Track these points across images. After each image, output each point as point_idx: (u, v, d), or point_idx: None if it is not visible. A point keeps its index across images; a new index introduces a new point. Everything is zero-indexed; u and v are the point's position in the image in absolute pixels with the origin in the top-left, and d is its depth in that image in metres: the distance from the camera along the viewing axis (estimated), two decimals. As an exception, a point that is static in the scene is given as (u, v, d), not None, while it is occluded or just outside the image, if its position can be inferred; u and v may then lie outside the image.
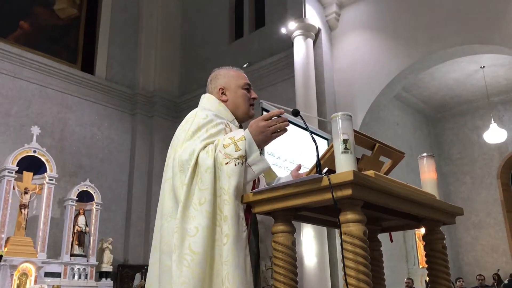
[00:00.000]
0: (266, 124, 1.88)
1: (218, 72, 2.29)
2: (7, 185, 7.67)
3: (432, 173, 2.24)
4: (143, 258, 9.91)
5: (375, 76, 7.54)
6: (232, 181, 1.81)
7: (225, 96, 2.21)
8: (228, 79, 2.24)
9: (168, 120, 10.96)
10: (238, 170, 1.82)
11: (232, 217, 1.78)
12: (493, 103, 10.88)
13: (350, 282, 1.55)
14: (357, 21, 8.01)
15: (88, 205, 8.94)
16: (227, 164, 1.83)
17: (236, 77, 2.24)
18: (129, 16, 11.41)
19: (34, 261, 7.64)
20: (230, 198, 1.80)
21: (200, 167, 1.86)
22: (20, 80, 9.08)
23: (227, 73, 2.26)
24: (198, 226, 1.79)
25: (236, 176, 1.82)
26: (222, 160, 1.85)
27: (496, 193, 10.92)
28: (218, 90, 2.23)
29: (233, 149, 1.86)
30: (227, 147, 1.87)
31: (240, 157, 1.85)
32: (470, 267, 11.04)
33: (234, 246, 1.76)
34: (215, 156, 1.86)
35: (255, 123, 1.90)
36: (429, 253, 2.16)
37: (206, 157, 1.86)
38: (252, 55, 9.71)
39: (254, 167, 1.87)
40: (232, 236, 1.76)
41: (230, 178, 1.82)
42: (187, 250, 1.76)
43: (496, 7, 6.59)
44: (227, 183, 1.82)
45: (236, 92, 2.21)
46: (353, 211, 1.60)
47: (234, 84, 2.22)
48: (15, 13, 9.55)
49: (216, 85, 2.24)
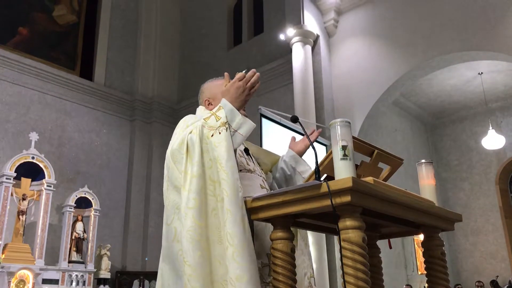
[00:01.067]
0: (242, 83, 2.00)
1: (203, 86, 2.42)
2: (5, 191, 7.64)
3: (430, 180, 2.24)
4: (141, 264, 9.87)
5: (373, 82, 7.56)
6: (220, 149, 1.89)
7: (211, 106, 2.29)
8: (212, 89, 2.34)
9: (167, 126, 10.95)
10: (223, 137, 1.90)
11: (226, 180, 1.84)
12: (491, 109, 10.91)
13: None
14: (355, 27, 8.04)
15: (86, 212, 8.91)
16: (212, 136, 1.92)
17: (219, 85, 2.30)
18: (128, 22, 11.44)
19: (32, 267, 7.60)
20: (222, 164, 1.86)
21: (190, 147, 1.93)
22: (19, 86, 9.08)
23: (211, 84, 2.38)
24: (196, 197, 1.85)
25: (223, 143, 1.89)
26: (207, 133, 1.93)
27: (495, 199, 10.92)
28: (204, 102, 2.34)
29: (214, 119, 1.96)
30: (208, 119, 1.97)
31: (222, 123, 1.93)
32: (469, 273, 11.02)
33: (230, 205, 1.80)
34: (199, 132, 1.94)
35: (231, 86, 2.02)
36: (428, 260, 2.16)
37: (192, 136, 1.94)
38: (251, 62, 9.73)
39: (240, 130, 1.95)
40: (227, 196, 1.82)
41: (217, 147, 1.89)
42: (191, 222, 1.81)
43: (493, 14, 6.62)
44: (216, 153, 1.89)
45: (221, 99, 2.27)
46: (352, 218, 1.60)
47: (219, 91, 2.27)
48: (14, 19, 9.57)
49: (203, 98, 2.37)
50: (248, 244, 1.78)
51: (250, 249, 1.78)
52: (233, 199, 1.81)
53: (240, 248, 1.75)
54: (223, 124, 1.93)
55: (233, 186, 1.83)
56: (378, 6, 7.89)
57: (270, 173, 2.47)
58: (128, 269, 9.71)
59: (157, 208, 9.79)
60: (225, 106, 1.98)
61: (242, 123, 1.95)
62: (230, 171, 1.85)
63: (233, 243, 1.75)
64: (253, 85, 2.02)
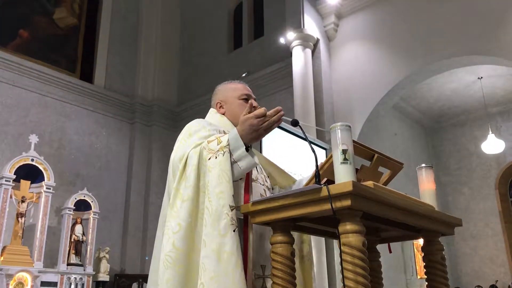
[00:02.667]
0: (258, 122, 1.85)
1: (218, 88, 2.38)
2: (4, 193, 7.63)
3: (431, 184, 2.24)
4: (140, 267, 9.85)
5: (373, 86, 7.57)
6: (213, 173, 1.81)
7: (222, 109, 2.28)
8: (225, 92, 2.32)
9: (167, 129, 10.97)
10: (218, 161, 1.82)
11: (209, 208, 1.77)
12: (491, 113, 10.91)
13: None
14: (356, 31, 8.06)
15: (85, 214, 8.90)
16: (209, 159, 1.85)
17: (233, 89, 2.30)
18: (129, 25, 11.45)
19: (31, 270, 7.59)
20: (209, 190, 1.79)
21: (187, 166, 1.87)
22: (19, 89, 9.08)
23: (225, 87, 2.35)
24: (181, 223, 1.78)
25: (216, 168, 1.81)
26: (206, 156, 1.86)
27: (494, 204, 10.91)
28: (216, 105, 2.31)
29: (216, 143, 1.88)
30: (211, 142, 1.89)
31: (221, 148, 1.85)
32: (469, 278, 11.00)
33: (206, 236, 1.73)
34: (199, 153, 1.88)
35: (247, 121, 1.86)
36: (428, 264, 2.15)
37: (192, 156, 1.88)
38: (251, 65, 9.75)
39: (240, 163, 1.86)
40: (205, 225, 1.75)
41: (211, 171, 1.82)
42: (171, 247, 1.76)
43: (494, 18, 6.63)
44: (207, 177, 1.82)
45: (233, 103, 2.27)
46: (352, 222, 1.60)
47: (231, 96, 2.28)
48: (14, 21, 9.58)
49: (215, 100, 2.33)
50: (220, 277, 1.68)
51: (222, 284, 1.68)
52: (209, 229, 1.74)
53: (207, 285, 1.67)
54: (222, 148, 1.84)
55: (215, 214, 1.74)
56: (378, 10, 7.91)
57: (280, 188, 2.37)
58: (127, 272, 9.70)
59: (156, 211, 9.75)
60: (231, 133, 1.89)
61: (243, 157, 1.85)
62: (215, 198, 1.76)
63: (203, 279, 1.68)
64: (270, 125, 1.87)
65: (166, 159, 2.15)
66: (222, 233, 1.72)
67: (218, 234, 1.72)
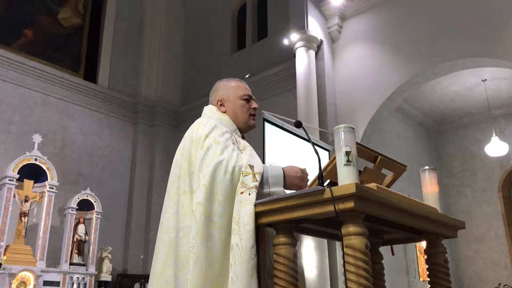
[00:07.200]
0: (303, 174, 2.03)
1: (218, 84, 2.34)
2: (7, 193, 7.65)
3: (434, 186, 2.24)
4: (142, 267, 9.86)
5: (377, 88, 7.55)
6: (245, 210, 1.83)
7: (223, 107, 2.25)
8: (226, 91, 2.28)
9: (170, 130, 10.98)
10: (251, 199, 1.85)
11: (239, 245, 1.80)
12: (494, 116, 10.87)
13: (352, 296, 1.54)
14: (359, 33, 8.05)
15: (88, 214, 8.91)
16: (242, 193, 1.87)
17: (235, 88, 2.28)
18: (132, 25, 11.47)
19: (33, 269, 7.60)
20: (240, 226, 1.81)
21: (220, 190, 1.89)
22: (23, 88, 9.10)
23: (226, 85, 2.31)
24: (212, 248, 1.83)
25: (250, 205, 1.84)
26: (238, 189, 1.89)
27: (497, 207, 10.87)
28: (217, 102, 2.27)
29: (251, 179, 1.89)
30: (246, 176, 1.91)
31: (255, 187, 1.88)
32: (471, 281, 10.96)
33: (234, 274, 1.77)
34: (233, 181, 1.90)
35: (293, 169, 2.03)
36: (431, 267, 2.15)
37: (224, 179, 1.89)
38: (254, 66, 9.74)
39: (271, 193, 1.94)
40: (234, 264, 1.78)
41: (243, 207, 1.84)
42: (199, 270, 1.79)
43: (498, 20, 6.61)
44: (237, 213, 1.84)
45: (235, 103, 2.25)
46: (355, 224, 1.60)
47: (232, 95, 2.25)
48: (18, 21, 9.61)
49: (216, 97, 2.29)
50: None
51: None
52: (238, 268, 1.77)
53: None
54: (255, 187, 1.88)
55: (244, 255, 1.78)
56: (382, 12, 7.90)
57: None
58: (129, 272, 9.71)
59: (158, 212, 9.73)
60: (273, 171, 1.99)
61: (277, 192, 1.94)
62: (245, 237, 1.79)
63: None
64: (303, 186, 2.00)
65: (169, 159, 2.15)
66: (250, 273, 1.76)
67: (246, 274, 1.76)
